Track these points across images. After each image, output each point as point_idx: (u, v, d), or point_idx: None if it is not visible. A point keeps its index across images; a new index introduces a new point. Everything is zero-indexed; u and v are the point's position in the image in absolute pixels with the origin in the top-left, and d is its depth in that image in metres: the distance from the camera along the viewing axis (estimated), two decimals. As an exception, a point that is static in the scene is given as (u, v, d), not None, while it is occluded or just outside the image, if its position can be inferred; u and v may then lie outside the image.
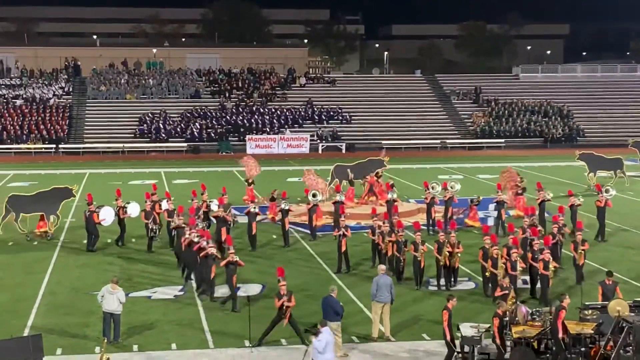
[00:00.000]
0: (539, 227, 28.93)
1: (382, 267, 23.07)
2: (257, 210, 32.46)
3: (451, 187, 36.81)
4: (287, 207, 32.63)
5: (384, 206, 36.23)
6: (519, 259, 24.67)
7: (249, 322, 20.82)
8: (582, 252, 26.07)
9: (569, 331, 19.20)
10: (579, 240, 26.23)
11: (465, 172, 54.28)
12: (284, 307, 20.60)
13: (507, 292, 21.55)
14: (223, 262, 24.08)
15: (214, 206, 33.34)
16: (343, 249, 28.03)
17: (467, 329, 19.88)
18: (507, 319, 19.56)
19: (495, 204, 35.01)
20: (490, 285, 24.88)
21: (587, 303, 21.20)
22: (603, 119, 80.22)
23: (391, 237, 27.09)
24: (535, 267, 24.70)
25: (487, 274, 25.06)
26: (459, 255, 26.17)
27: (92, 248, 31.30)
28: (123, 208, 32.23)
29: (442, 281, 26.24)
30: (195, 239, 25.84)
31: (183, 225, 28.17)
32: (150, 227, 31.08)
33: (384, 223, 28.91)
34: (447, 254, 25.86)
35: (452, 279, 26.40)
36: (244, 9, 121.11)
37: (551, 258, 24.62)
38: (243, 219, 33.38)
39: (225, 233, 29.86)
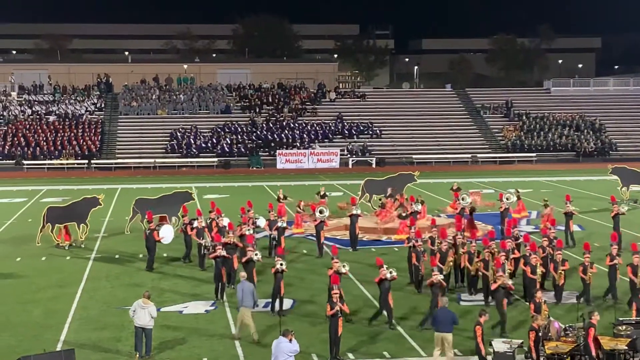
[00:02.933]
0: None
1: (243, 274, 23.83)
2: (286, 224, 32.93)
3: (507, 199, 37.02)
4: (284, 225, 32.73)
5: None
6: (506, 261, 25.36)
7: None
8: (562, 272, 25.62)
9: (603, 347, 19.03)
10: (558, 259, 25.77)
11: (496, 187, 53.97)
12: (337, 316, 20.74)
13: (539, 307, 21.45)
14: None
15: (261, 222, 33.60)
16: (413, 260, 27.92)
17: (499, 345, 19.75)
18: (540, 334, 19.46)
19: (564, 214, 34.94)
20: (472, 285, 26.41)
21: (621, 319, 21.02)
22: (636, 133, 79.53)
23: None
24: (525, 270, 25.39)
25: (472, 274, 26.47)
26: (479, 264, 26.16)
27: (151, 268, 31.09)
28: (189, 224, 32.15)
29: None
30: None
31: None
32: (203, 244, 30.99)
33: (458, 235, 28.78)
34: (451, 263, 26.72)
35: (472, 289, 26.87)
36: (274, 24, 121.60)
37: (539, 264, 25.34)
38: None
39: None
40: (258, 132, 75.21)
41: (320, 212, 34.14)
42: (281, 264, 24.28)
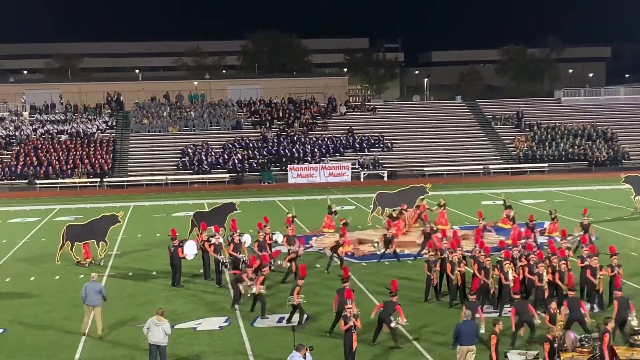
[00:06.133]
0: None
1: (94, 275, 25.46)
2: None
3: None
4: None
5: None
6: (512, 269, 25.76)
7: (295, 352, 20.75)
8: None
9: (619, 356, 18.90)
10: (563, 269, 25.78)
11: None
12: (352, 330, 20.69)
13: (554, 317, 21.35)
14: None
15: (279, 237, 33.69)
16: (425, 270, 28.00)
17: (514, 357, 19.66)
18: (556, 345, 19.33)
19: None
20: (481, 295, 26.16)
21: (636, 328, 20.89)
22: (648, 141, 79.36)
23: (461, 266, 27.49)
24: (531, 279, 25.71)
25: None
26: (494, 276, 26.14)
27: (178, 284, 31.06)
28: (208, 241, 32.13)
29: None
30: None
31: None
32: (221, 260, 30.95)
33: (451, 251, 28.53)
34: (459, 273, 26.80)
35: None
36: (283, 39, 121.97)
37: (545, 272, 25.63)
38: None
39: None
40: (269, 147, 75.30)
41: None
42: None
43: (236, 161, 72.68)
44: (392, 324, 22.52)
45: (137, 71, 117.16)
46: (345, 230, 34.97)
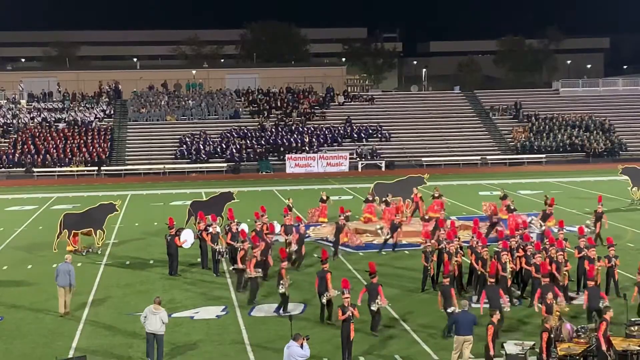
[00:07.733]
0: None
1: (68, 256, 26.44)
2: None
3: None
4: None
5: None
6: (509, 260, 25.82)
7: (292, 341, 20.76)
8: (566, 273, 25.73)
9: (615, 347, 18.97)
10: (560, 260, 25.78)
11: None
12: (350, 320, 20.69)
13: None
14: None
15: (276, 227, 33.80)
16: (422, 260, 28.01)
17: (511, 347, 19.71)
18: (552, 335, 19.38)
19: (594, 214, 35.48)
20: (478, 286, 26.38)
21: (633, 319, 20.95)
22: (645, 133, 79.40)
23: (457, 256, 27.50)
24: (528, 270, 25.84)
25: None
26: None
27: (175, 273, 31.03)
28: (205, 230, 32.08)
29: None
30: None
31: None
32: (218, 249, 30.97)
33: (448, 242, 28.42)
34: (455, 263, 26.80)
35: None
36: (281, 29, 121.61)
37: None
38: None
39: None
40: (267, 137, 75.26)
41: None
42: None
43: (234, 150, 72.64)
44: (373, 307, 22.56)
45: (135, 60, 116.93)
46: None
